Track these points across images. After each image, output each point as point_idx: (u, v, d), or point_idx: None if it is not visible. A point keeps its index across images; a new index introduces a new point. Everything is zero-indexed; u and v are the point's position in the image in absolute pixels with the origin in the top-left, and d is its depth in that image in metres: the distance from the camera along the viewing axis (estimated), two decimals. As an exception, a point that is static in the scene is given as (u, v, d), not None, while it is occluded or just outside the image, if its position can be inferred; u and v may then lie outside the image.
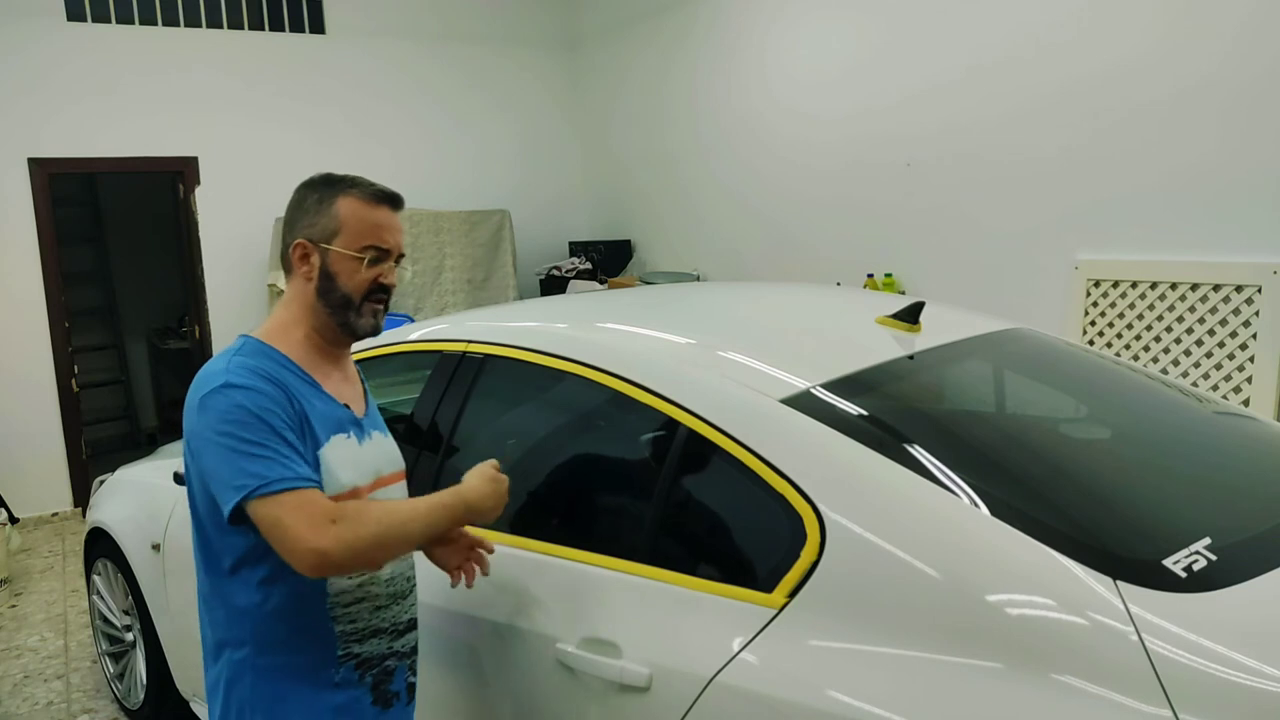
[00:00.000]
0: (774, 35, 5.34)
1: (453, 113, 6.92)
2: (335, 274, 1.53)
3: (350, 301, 1.54)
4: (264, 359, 1.48)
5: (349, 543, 1.34)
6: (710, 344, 1.85)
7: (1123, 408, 1.98)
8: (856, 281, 4.86)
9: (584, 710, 1.58)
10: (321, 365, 1.57)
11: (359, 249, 1.53)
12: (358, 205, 1.54)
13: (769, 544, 1.49)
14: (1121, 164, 3.64)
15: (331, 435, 1.50)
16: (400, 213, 1.60)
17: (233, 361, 1.45)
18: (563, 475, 2.03)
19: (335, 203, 1.53)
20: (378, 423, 1.68)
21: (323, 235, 1.53)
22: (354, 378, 1.68)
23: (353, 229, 1.53)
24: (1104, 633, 1.19)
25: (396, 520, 1.42)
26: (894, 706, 1.25)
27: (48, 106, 5.67)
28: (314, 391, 1.52)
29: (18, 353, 5.71)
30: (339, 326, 1.56)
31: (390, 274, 1.57)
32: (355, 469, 1.52)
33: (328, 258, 1.53)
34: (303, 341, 1.56)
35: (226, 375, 1.41)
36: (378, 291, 1.56)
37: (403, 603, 1.62)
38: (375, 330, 1.58)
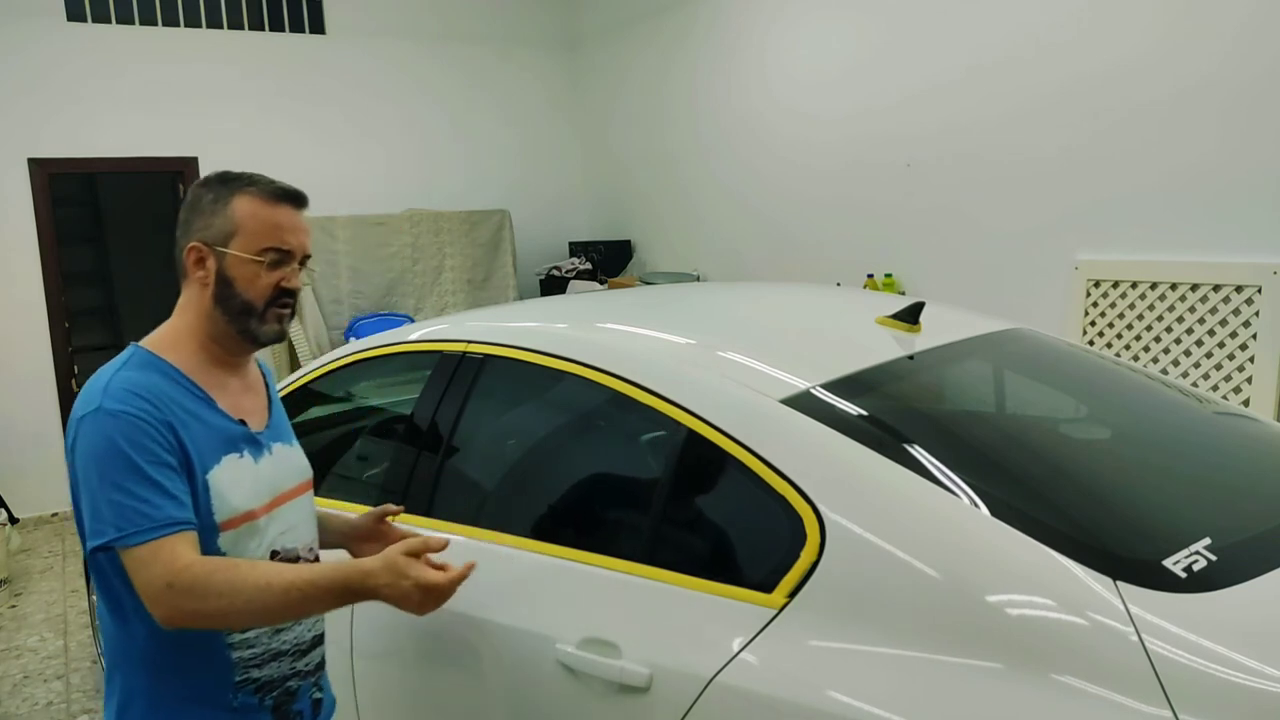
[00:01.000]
0: (774, 35, 5.34)
1: (453, 113, 6.92)
2: (233, 279, 1.43)
3: (251, 308, 1.44)
4: (151, 373, 1.38)
5: (186, 610, 1.27)
6: (710, 344, 1.85)
7: (1123, 408, 1.98)
8: (856, 281, 4.86)
9: (584, 710, 1.58)
10: (218, 376, 1.47)
11: (258, 251, 1.43)
12: (256, 205, 1.44)
13: (769, 544, 1.48)
14: (1121, 164, 3.64)
15: (223, 456, 1.40)
16: (304, 213, 1.50)
17: (115, 379, 1.35)
18: (563, 475, 2.03)
19: (231, 203, 1.43)
20: (282, 433, 1.57)
21: (218, 237, 1.43)
22: (257, 385, 1.57)
23: (251, 230, 1.43)
24: (1104, 633, 1.19)
25: (240, 599, 1.28)
26: (894, 707, 1.25)
27: (48, 106, 5.67)
28: (205, 408, 1.42)
29: (18, 353, 5.71)
30: (239, 335, 1.46)
31: (294, 277, 1.47)
32: (250, 490, 1.43)
33: (224, 261, 1.42)
34: (198, 352, 1.45)
35: (103, 398, 1.32)
36: (281, 296, 1.46)
37: (305, 620, 1.53)
38: (280, 337, 1.48)
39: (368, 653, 1.99)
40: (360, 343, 2.40)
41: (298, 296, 1.50)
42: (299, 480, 1.57)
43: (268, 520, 1.45)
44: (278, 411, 1.60)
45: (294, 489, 1.54)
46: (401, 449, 2.21)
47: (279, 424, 1.58)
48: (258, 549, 1.44)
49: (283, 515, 1.49)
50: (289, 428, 1.62)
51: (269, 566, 1.35)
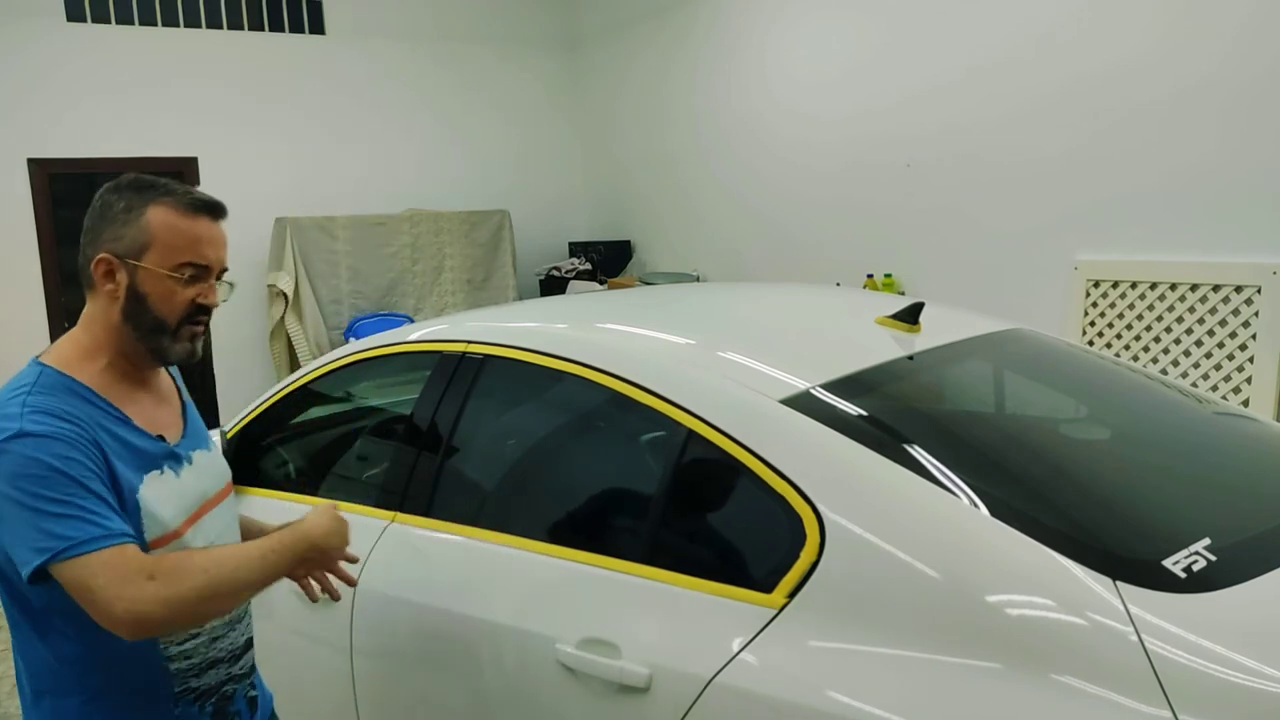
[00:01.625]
0: (774, 36, 5.34)
1: (453, 113, 6.92)
2: (146, 294, 1.35)
3: (164, 325, 1.36)
4: (64, 394, 1.31)
5: (169, 600, 1.21)
6: (710, 344, 1.85)
7: (1123, 408, 1.98)
8: (856, 282, 4.86)
9: (584, 711, 1.58)
10: (130, 392, 1.40)
11: (174, 266, 1.35)
12: (172, 216, 1.36)
13: (769, 544, 1.48)
14: (1121, 164, 3.64)
15: (145, 474, 1.35)
16: (221, 224, 1.42)
17: (29, 401, 1.27)
18: (562, 476, 2.03)
19: (145, 213, 1.35)
20: (199, 439, 1.52)
21: (131, 250, 1.34)
22: (169, 395, 1.51)
23: (166, 243, 1.35)
24: (1103, 633, 1.19)
25: (226, 569, 1.27)
26: (893, 707, 1.25)
27: (47, 107, 5.67)
28: (123, 427, 1.35)
29: (17, 353, 5.65)
30: (149, 353, 1.39)
31: (211, 293, 1.40)
32: (177, 504, 1.38)
33: (137, 276, 1.34)
34: (106, 369, 1.37)
35: (21, 421, 1.24)
36: (197, 313, 1.39)
37: (239, 626, 1.53)
38: (192, 356, 1.42)
39: (368, 653, 1.99)
40: (360, 343, 2.40)
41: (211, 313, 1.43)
42: (220, 485, 1.53)
43: (193, 533, 1.41)
44: (192, 418, 1.54)
45: (217, 495, 1.51)
46: (401, 449, 2.21)
47: (195, 431, 1.52)
48: None
49: (207, 525, 1.45)
50: (205, 431, 1.57)
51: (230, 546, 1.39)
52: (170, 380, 1.55)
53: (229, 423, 2.59)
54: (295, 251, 6.02)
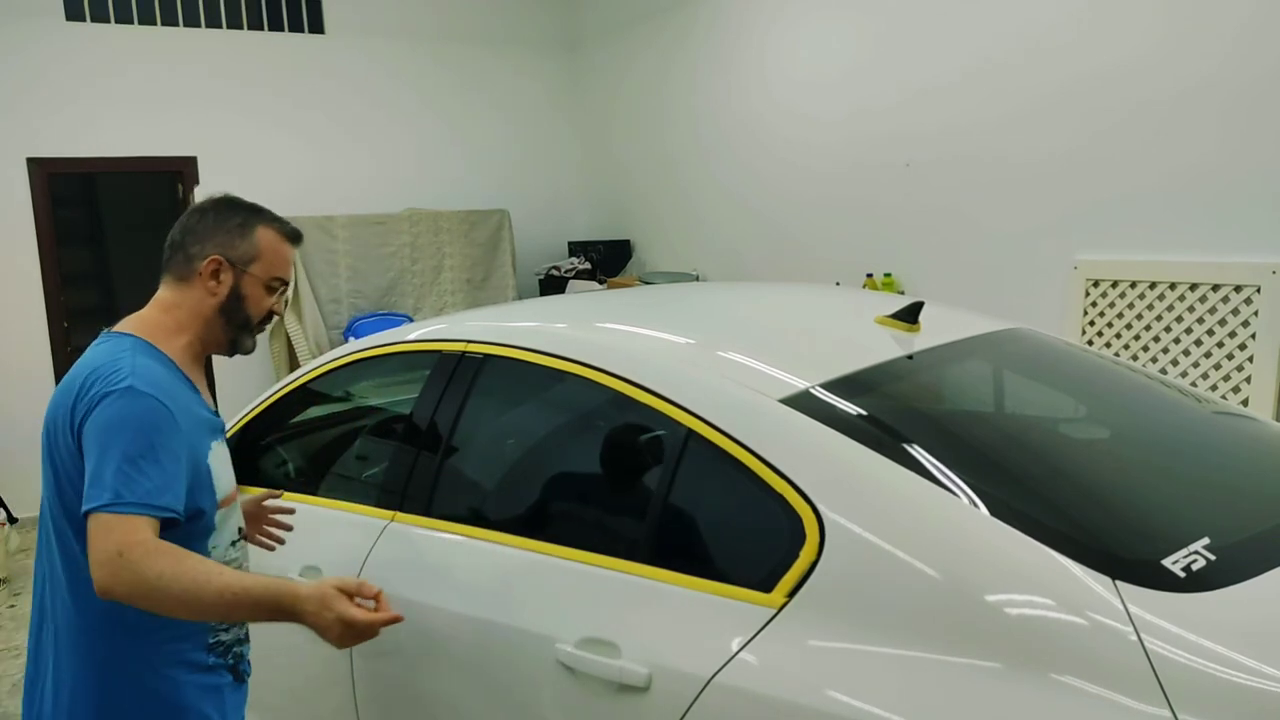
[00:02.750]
0: (774, 36, 5.34)
1: (452, 112, 6.91)
2: (245, 296, 1.62)
3: (249, 323, 1.65)
4: (156, 363, 1.52)
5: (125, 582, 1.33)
6: (709, 344, 1.85)
7: (1122, 408, 1.98)
8: (856, 281, 4.86)
9: (583, 710, 1.58)
10: (194, 371, 1.63)
11: (270, 279, 1.65)
12: (276, 239, 1.65)
13: (768, 544, 1.48)
14: (1121, 164, 3.64)
15: (211, 443, 1.58)
16: None
17: (138, 363, 1.47)
18: (562, 475, 2.03)
19: (256, 231, 1.63)
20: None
21: (242, 259, 1.61)
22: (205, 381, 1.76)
23: (269, 260, 1.64)
24: (1103, 633, 1.19)
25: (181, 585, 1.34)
26: (893, 706, 1.25)
27: (47, 106, 5.66)
28: (195, 399, 1.58)
29: (17, 352, 5.70)
30: (229, 343, 1.65)
31: (280, 304, 1.69)
32: (228, 474, 1.62)
33: (242, 280, 1.61)
34: (184, 348, 1.61)
35: (132, 378, 1.44)
36: (269, 318, 1.68)
37: None
38: (252, 350, 1.70)
39: (368, 652, 1.99)
40: (359, 342, 2.40)
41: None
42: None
43: (236, 503, 1.66)
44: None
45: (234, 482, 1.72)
46: (400, 449, 2.21)
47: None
48: (234, 527, 1.64)
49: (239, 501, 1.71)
50: None
51: (211, 565, 1.42)
52: None
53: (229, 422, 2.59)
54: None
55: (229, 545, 1.63)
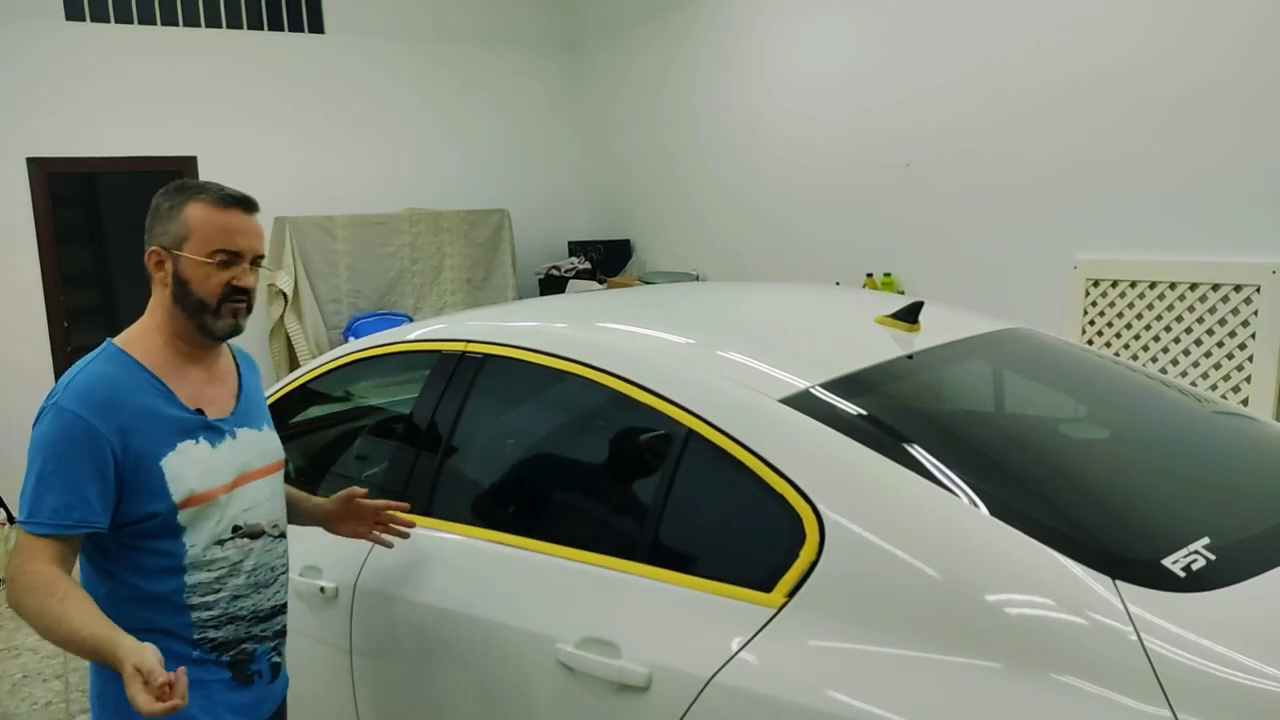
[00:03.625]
0: (774, 36, 5.34)
1: (452, 112, 6.91)
2: (188, 279, 1.57)
3: (205, 305, 1.58)
4: (116, 368, 1.54)
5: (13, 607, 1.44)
6: (709, 344, 1.85)
7: (1122, 408, 1.98)
8: (855, 281, 4.86)
9: (583, 710, 1.58)
10: (182, 368, 1.61)
11: (208, 254, 1.57)
12: (206, 210, 1.58)
13: (768, 544, 1.48)
14: (1121, 164, 3.63)
15: (178, 443, 1.55)
16: (255, 214, 1.63)
17: (81, 374, 1.53)
18: (562, 475, 2.03)
19: (185, 209, 1.58)
20: (251, 418, 1.71)
21: (174, 242, 1.57)
22: (224, 376, 1.71)
23: (201, 235, 1.57)
24: (1103, 632, 1.19)
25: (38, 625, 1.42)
26: (893, 706, 1.25)
27: (46, 106, 5.66)
28: (163, 401, 1.56)
29: (17, 352, 5.70)
30: (197, 330, 1.60)
31: (245, 276, 1.60)
32: (205, 473, 1.57)
33: (179, 264, 1.57)
34: (163, 347, 1.60)
35: (64, 394, 1.50)
36: (234, 294, 1.59)
37: (265, 591, 1.68)
38: (235, 330, 1.62)
39: (367, 652, 1.99)
40: (359, 342, 2.40)
41: (252, 293, 1.62)
42: (266, 462, 1.71)
43: (229, 498, 1.61)
44: (248, 400, 1.72)
45: (260, 470, 1.68)
46: (401, 448, 2.21)
47: (247, 411, 1.71)
48: (217, 525, 1.59)
49: (246, 494, 1.64)
50: (260, 414, 1.76)
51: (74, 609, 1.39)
52: (232, 365, 1.74)
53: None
54: (295, 251, 6.02)
55: (212, 544, 1.59)
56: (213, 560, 1.59)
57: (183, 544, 1.56)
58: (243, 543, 1.64)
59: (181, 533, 1.55)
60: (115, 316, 7.92)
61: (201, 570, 1.58)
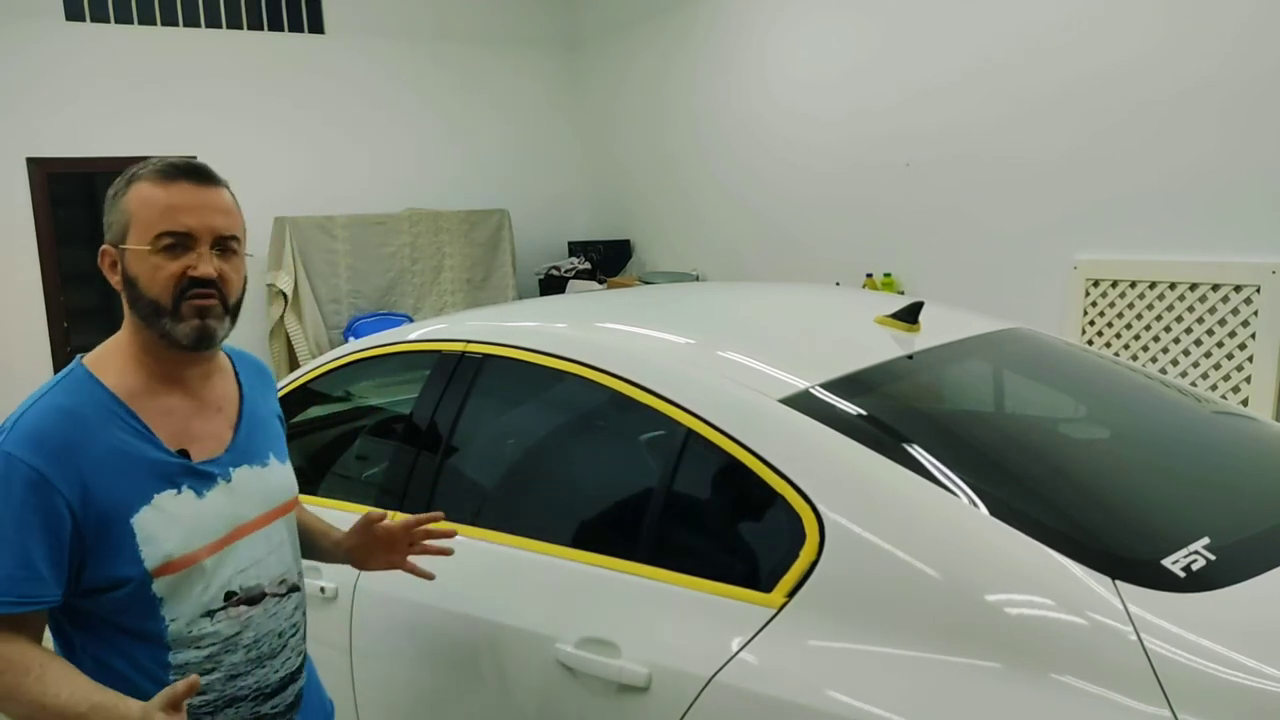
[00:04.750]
0: (774, 36, 5.34)
1: (452, 112, 6.91)
2: (135, 277, 1.25)
3: (159, 307, 1.25)
4: (81, 399, 1.25)
5: None
6: (709, 344, 1.85)
7: (1122, 408, 1.98)
8: (855, 281, 4.86)
9: (583, 710, 1.58)
10: (161, 398, 1.30)
11: (151, 240, 1.24)
12: (146, 189, 1.25)
13: (768, 544, 1.48)
14: (1121, 164, 3.64)
15: (154, 494, 1.25)
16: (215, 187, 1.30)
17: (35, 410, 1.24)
18: (562, 475, 2.03)
19: (127, 194, 1.26)
20: (252, 453, 1.39)
21: (118, 235, 1.26)
22: (218, 402, 1.38)
23: (143, 218, 1.24)
24: (1103, 633, 1.19)
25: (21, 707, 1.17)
26: (893, 706, 1.24)
27: (46, 106, 5.67)
28: (137, 440, 1.26)
29: (17, 353, 5.71)
30: (160, 339, 1.27)
31: (204, 262, 1.25)
32: (189, 530, 1.27)
33: (125, 259, 1.26)
34: (135, 369, 1.29)
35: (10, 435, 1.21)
36: (192, 287, 1.25)
37: (271, 663, 1.40)
38: (205, 334, 1.27)
39: (367, 653, 1.99)
40: (359, 342, 2.40)
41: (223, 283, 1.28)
42: (269, 506, 1.40)
43: (217, 561, 1.31)
44: (250, 428, 1.41)
45: (258, 519, 1.38)
46: (400, 449, 2.21)
47: (247, 444, 1.39)
48: (204, 593, 1.29)
49: (240, 552, 1.34)
50: (266, 443, 1.43)
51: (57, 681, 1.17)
52: (232, 388, 1.42)
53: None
54: (294, 251, 6.02)
55: (199, 617, 1.29)
56: (201, 636, 1.30)
57: (161, 619, 1.26)
58: (239, 611, 1.34)
59: (159, 605, 1.26)
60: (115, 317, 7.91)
61: (188, 649, 1.29)
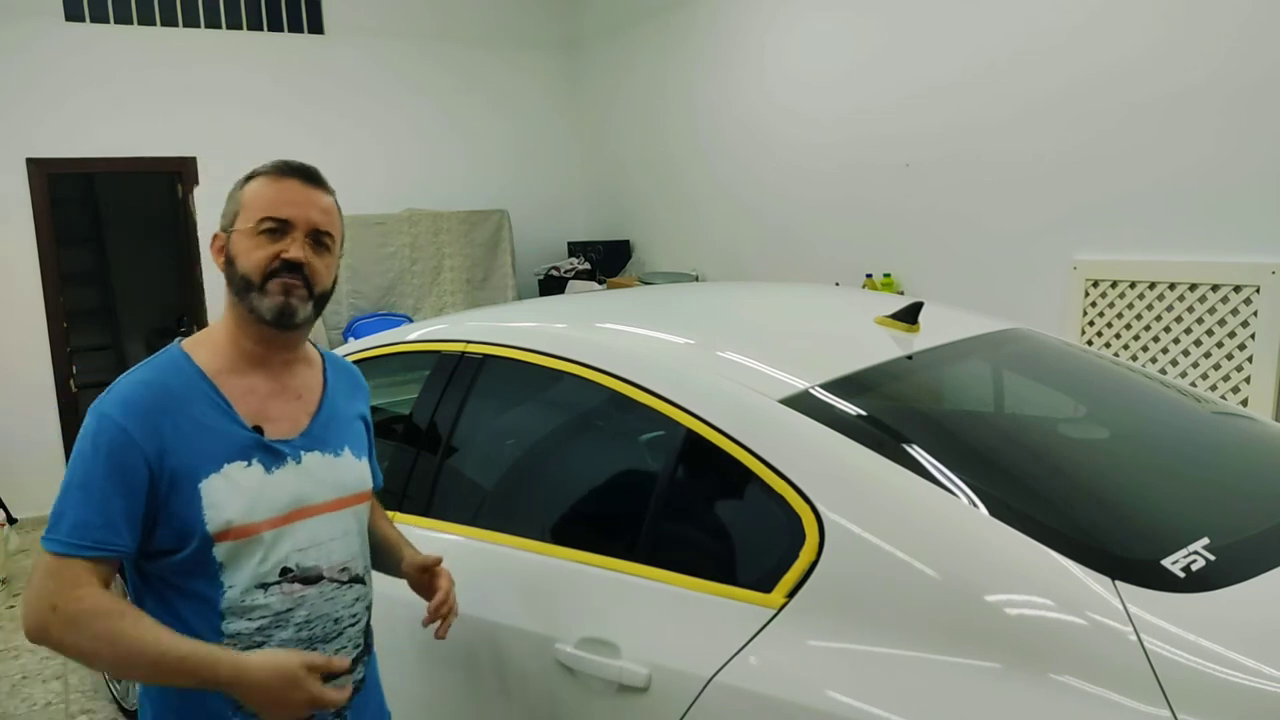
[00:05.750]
0: (773, 36, 5.34)
1: (452, 113, 6.91)
2: (235, 256, 1.42)
3: (250, 282, 1.40)
4: (171, 373, 1.39)
5: (55, 639, 1.27)
6: (709, 344, 1.85)
7: (1121, 408, 1.98)
8: (855, 282, 4.86)
9: (583, 710, 1.58)
10: (246, 376, 1.44)
11: (255, 223, 1.41)
12: (260, 183, 1.44)
13: (768, 544, 1.48)
14: (1120, 164, 3.64)
15: (225, 464, 1.35)
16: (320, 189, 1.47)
17: (129, 379, 1.38)
18: (561, 476, 2.03)
19: (244, 188, 1.45)
20: (327, 442, 1.49)
21: (228, 221, 1.45)
22: (298, 391, 1.50)
23: (251, 207, 1.42)
24: (1102, 633, 1.19)
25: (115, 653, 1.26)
26: (893, 707, 1.25)
27: (46, 107, 5.66)
28: (216, 414, 1.38)
29: (16, 353, 5.70)
30: (249, 314, 1.42)
31: (295, 247, 1.40)
32: (251, 501, 1.36)
33: (230, 241, 1.43)
34: (226, 347, 1.45)
35: (106, 398, 1.35)
36: (284, 269, 1.40)
37: (324, 648, 1.44)
38: (283, 309, 1.40)
39: (366, 653, 1.99)
40: (359, 343, 2.40)
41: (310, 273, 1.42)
42: (335, 495, 1.47)
43: (277, 535, 1.38)
44: (329, 420, 1.51)
45: (325, 504, 1.45)
46: (400, 449, 2.21)
47: (323, 432, 1.49)
48: (261, 565, 1.37)
49: (301, 531, 1.41)
50: (343, 438, 1.52)
51: (153, 629, 1.28)
52: (316, 381, 1.54)
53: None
54: (294, 251, 6.02)
55: (253, 588, 1.37)
56: (253, 607, 1.37)
57: (220, 584, 1.35)
58: (292, 588, 1.40)
59: (218, 571, 1.35)
60: (114, 317, 7.92)
61: (240, 619, 1.36)
